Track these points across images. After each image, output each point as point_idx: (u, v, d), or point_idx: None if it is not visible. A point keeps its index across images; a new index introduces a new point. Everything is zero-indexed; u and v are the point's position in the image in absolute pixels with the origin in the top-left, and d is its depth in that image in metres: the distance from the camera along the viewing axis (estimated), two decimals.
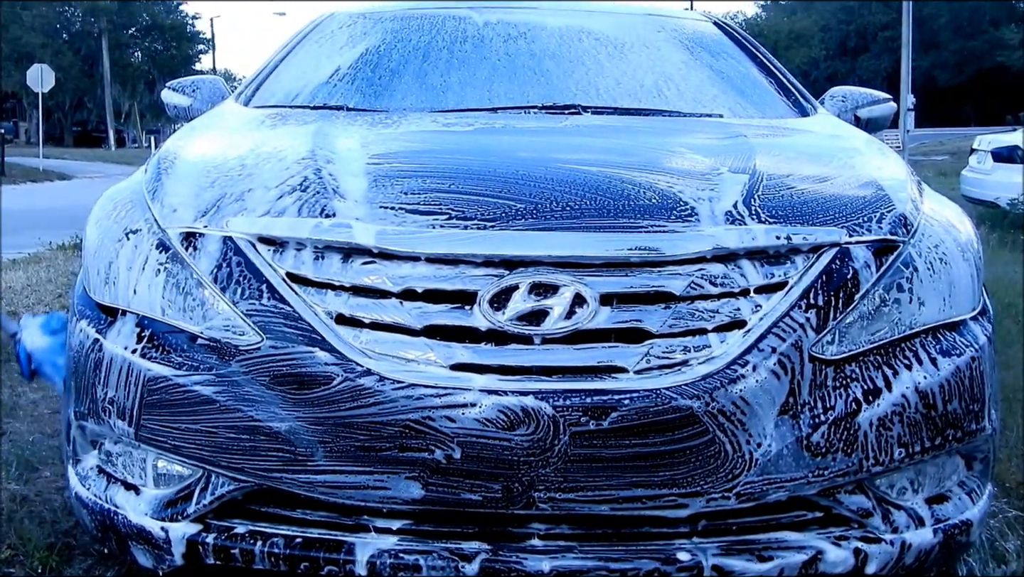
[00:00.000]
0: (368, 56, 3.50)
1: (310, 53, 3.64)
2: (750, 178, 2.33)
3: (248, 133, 2.80)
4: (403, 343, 2.00)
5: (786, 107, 3.36)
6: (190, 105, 3.63)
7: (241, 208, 2.21)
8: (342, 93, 3.29)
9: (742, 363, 2.00)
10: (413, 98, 3.23)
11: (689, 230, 2.11)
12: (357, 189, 2.23)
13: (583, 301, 2.00)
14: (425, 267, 2.04)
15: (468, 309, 2.01)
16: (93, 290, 2.35)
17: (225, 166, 2.43)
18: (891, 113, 3.65)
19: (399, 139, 2.70)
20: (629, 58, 3.53)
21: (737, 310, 2.04)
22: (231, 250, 2.14)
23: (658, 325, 2.01)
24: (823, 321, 2.07)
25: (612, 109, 3.18)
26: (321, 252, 2.09)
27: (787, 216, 2.19)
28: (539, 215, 2.12)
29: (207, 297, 2.13)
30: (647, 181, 2.28)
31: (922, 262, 2.24)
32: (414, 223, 2.10)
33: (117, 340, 2.21)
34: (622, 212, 2.15)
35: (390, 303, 2.03)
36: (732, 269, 2.08)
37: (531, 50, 3.50)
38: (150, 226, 2.30)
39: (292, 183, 2.28)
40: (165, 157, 2.60)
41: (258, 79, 3.52)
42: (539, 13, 3.83)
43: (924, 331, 2.21)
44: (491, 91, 3.25)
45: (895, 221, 2.27)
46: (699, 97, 3.33)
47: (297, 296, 2.06)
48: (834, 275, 2.12)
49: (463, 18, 3.71)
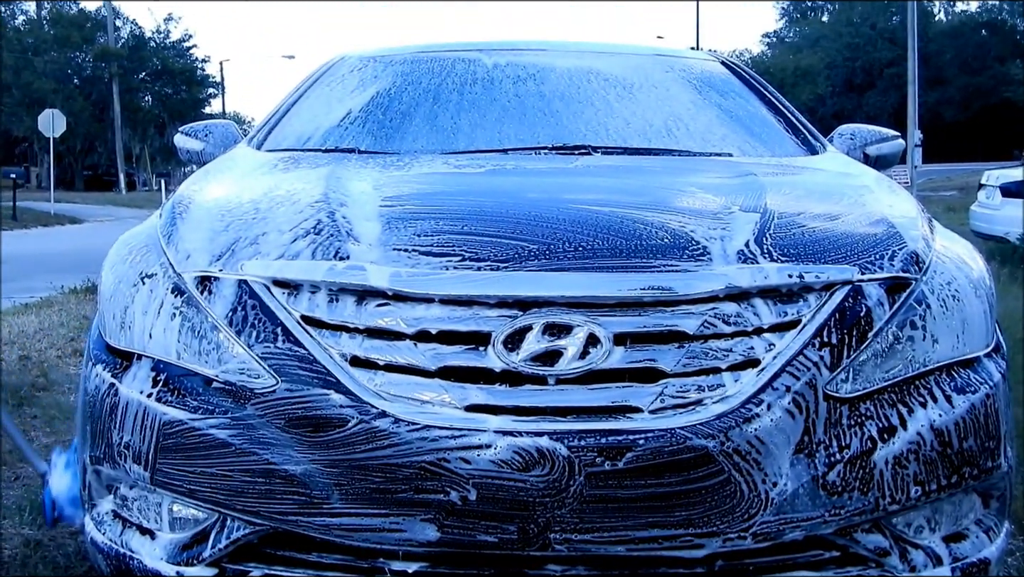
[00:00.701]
0: (379, 99, 3.53)
1: (321, 96, 3.67)
2: (761, 217, 2.34)
3: (261, 177, 2.82)
4: (418, 385, 2.01)
5: (795, 145, 3.38)
6: (203, 149, 3.66)
7: (255, 252, 2.23)
8: (354, 136, 3.32)
9: (756, 402, 2.00)
10: (424, 140, 3.25)
11: (702, 269, 2.11)
12: (371, 232, 2.25)
13: (597, 341, 2.00)
14: (439, 309, 2.05)
15: (482, 350, 2.01)
16: (109, 335, 2.36)
17: (239, 210, 2.45)
18: (899, 150, 3.67)
19: (411, 181, 2.71)
20: (638, 98, 3.55)
21: (751, 349, 2.05)
22: (246, 293, 2.15)
23: (672, 364, 2.01)
24: (837, 359, 2.07)
25: (622, 149, 3.19)
26: (335, 295, 2.10)
27: (799, 254, 2.20)
28: (552, 256, 2.13)
29: (222, 340, 2.14)
30: (659, 221, 2.29)
31: (935, 299, 2.24)
32: (428, 265, 2.11)
33: (132, 384, 2.22)
34: (634, 252, 2.16)
35: (404, 345, 2.04)
36: (745, 308, 2.08)
37: (541, 91, 3.53)
38: (165, 270, 2.31)
39: (306, 226, 2.29)
40: (180, 202, 2.62)
41: (270, 123, 3.55)
42: (548, 55, 3.86)
43: (938, 368, 2.20)
44: (502, 132, 3.27)
45: (907, 258, 2.28)
46: (708, 136, 3.35)
47: (312, 339, 2.07)
48: (847, 313, 2.12)
49: (473, 61, 3.74)
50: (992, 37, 63.17)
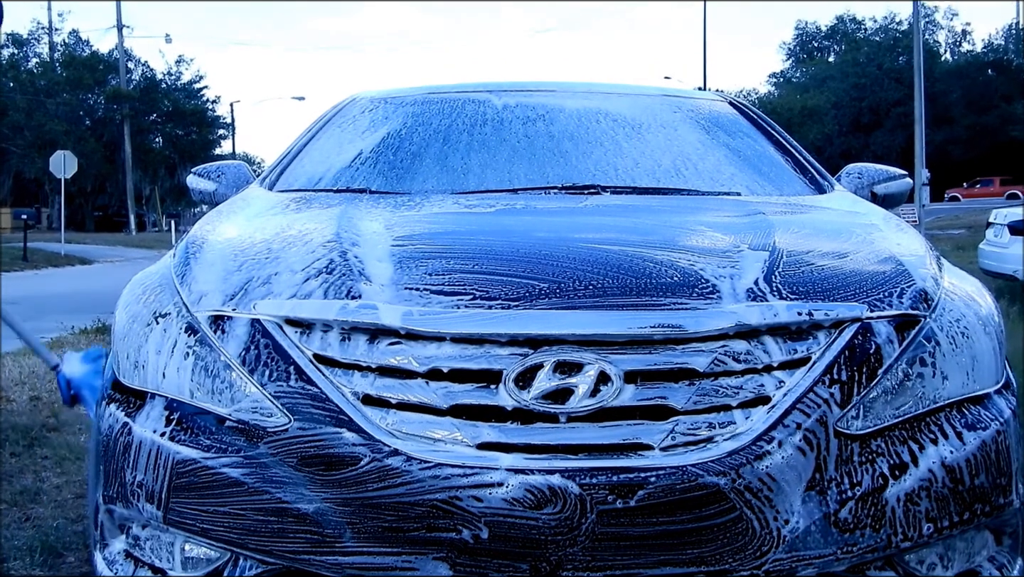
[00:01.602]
0: (390, 139, 3.56)
1: (333, 137, 3.70)
2: (770, 255, 2.36)
3: (273, 217, 2.85)
4: (430, 423, 2.02)
5: (803, 184, 3.40)
6: (215, 190, 3.69)
7: (268, 291, 2.25)
8: (365, 176, 3.35)
9: (767, 439, 2.00)
10: (435, 180, 3.28)
11: (711, 307, 2.12)
12: (382, 271, 2.26)
13: (607, 379, 2.01)
14: (450, 347, 2.06)
15: (494, 388, 2.02)
16: (123, 374, 2.37)
17: (252, 250, 2.47)
18: (907, 189, 3.68)
19: (422, 221, 2.74)
20: (647, 138, 3.58)
21: (761, 386, 2.06)
22: (259, 332, 2.17)
23: (683, 402, 2.02)
24: (847, 396, 2.08)
25: (631, 189, 3.21)
26: (348, 333, 2.12)
27: (808, 292, 2.21)
28: (562, 294, 2.14)
29: (235, 379, 2.15)
30: (668, 259, 2.31)
31: (944, 336, 2.25)
32: (439, 304, 2.12)
33: (146, 424, 2.23)
34: (644, 290, 2.17)
35: (416, 383, 2.05)
36: (755, 345, 2.09)
37: (550, 132, 3.55)
38: (179, 310, 2.33)
39: (318, 266, 2.31)
40: (193, 242, 2.64)
41: (282, 163, 3.58)
42: (557, 96, 3.90)
43: (948, 405, 2.21)
44: (511, 172, 3.30)
45: (916, 296, 2.29)
46: (717, 176, 3.37)
47: (324, 377, 2.08)
48: (857, 350, 2.13)
49: (482, 102, 3.78)
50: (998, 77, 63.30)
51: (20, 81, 51.87)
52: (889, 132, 59.68)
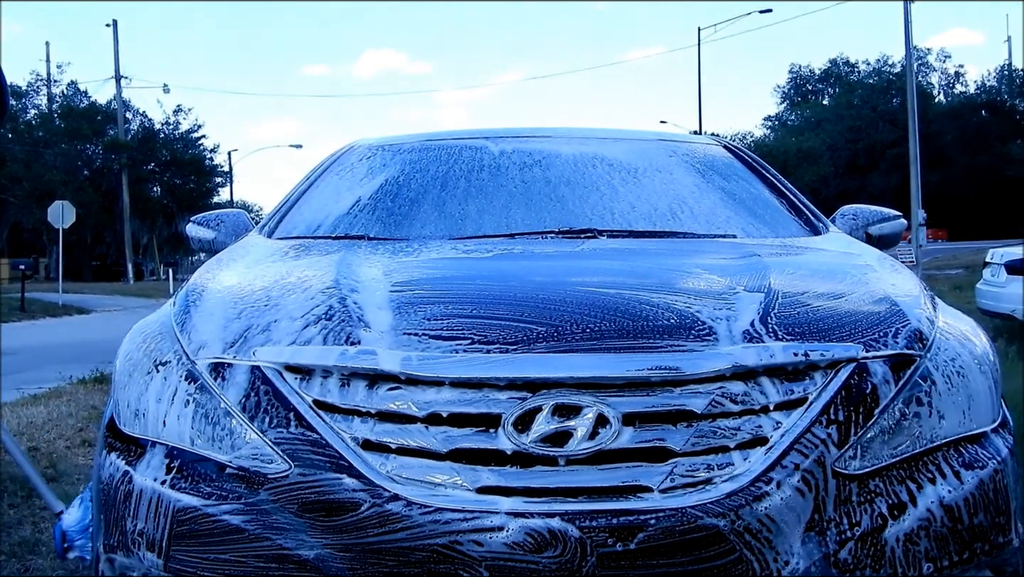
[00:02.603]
0: (388, 186, 3.59)
1: (331, 185, 3.73)
2: (766, 296, 2.37)
3: (273, 264, 2.87)
4: (429, 467, 2.02)
5: (798, 226, 3.42)
6: (214, 238, 3.72)
7: (268, 338, 2.26)
8: (364, 223, 3.37)
9: (766, 480, 2.01)
10: (433, 226, 3.30)
11: (708, 349, 2.14)
12: (381, 317, 2.28)
13: (606, 421, 2.02)
14: (449, 392, 2.07)
15: (493, 432, 2.03)
16: (123, 423, 2.38)
17: (251, 297, 2.49)
18: (901, 229, 3.72)
19: (420, 267, 2.75)
20: (643, 182, 3.61)
21: (759, 427, 2.06)
22: (259, 379, 2.18)
23: (681, 444, 2.03)
24: (844, 436, 2.08)
25: (628, 232, 3.24)
26: (347, 379, 2.13)
27: (804, 333, 2.22)
28: (560, 337, 2.15)
29: (235, 426, 2.16)
30: (665, 302, 2.32)
31: (939, 375, 2.26)
32: (438, 349, 2.14)
33: (146, 472, 2.24)
34: (641, 333, 2.18)
35: (416, 428, 2.06)
36: (752, 387, 2.10)
37: (546, 177, 3.58)
38: (179, 358, 2.34)
39: (317, 312, 2.32)
40: (193, 290, 2.66)
41: (281, 211, 3.61)
42: (553, 142, 3.93)
43: (946, 444, 2.22)
44: (509, 218, 3.32)
45: (911, 336, 2.30)
46: (712, 219, 3.39)
47: (324, 423, 2.09)
48: (853, 390, 2.14)
49: (479, 148, 3.81)
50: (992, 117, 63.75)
51: (18, 132, 52.13)
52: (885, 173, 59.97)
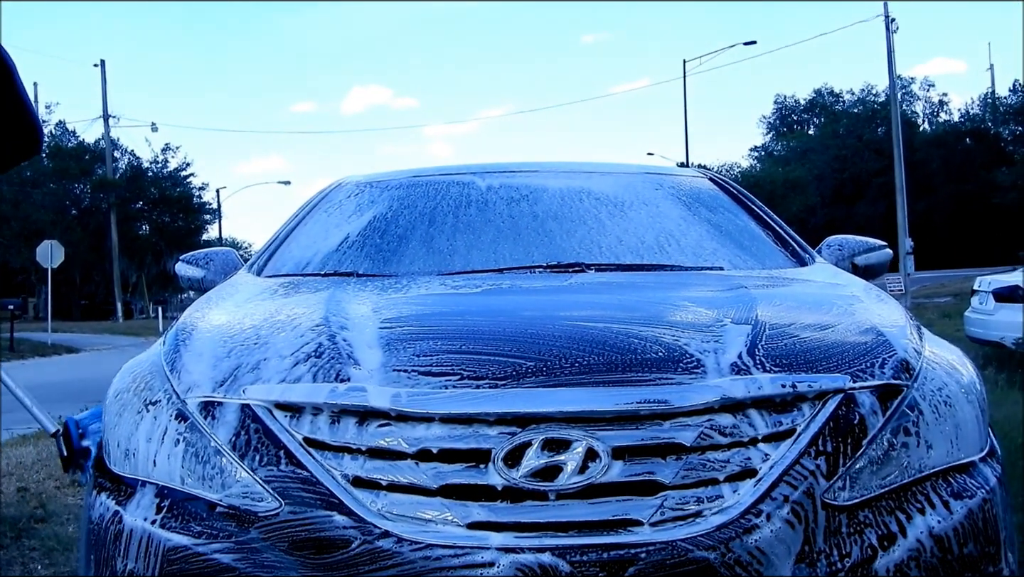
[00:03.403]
0: (377, 223, 3.61)
1: (320, 222, 3.74)
2: (753, 328, 2.38)
3: (262, 302, 2.87)
4: (420, 503, 2.03)
5: (784, 257, 3.44)
6: (203, 277, 3.72)
7: (257, 377, 2.26)
8: (353, 259, 3.38)
9: (755, 512, 2.01)
10: (421, 262, 3.31)
11: (696, 382, 2.15)
12: (371, 354, 2.29)
13: (595, 455, 2.03)
14: (439, 428, 2.07)
15: (483, 467, 2.04)
16: (113, 462, 2.38)
17: (241, 336, 2.49)
18: (887, 259, 3.74)
19: (409, 303, 2.76)
20: (629, 216, 3.63)
21: (748, 459, 2.07)
22: (249, 417, 2.18)
23: (671, 477, 2.03)
24: (833, 467, 2.09)
25: (615, 266, 3.25)
26: (337, 416, 2.13)
27: (791, 364, 2.24)
28: (549, 372, 2.16)
29: (226, 465, 2.16)
30: (653, 335, 2.33)
31: (927, 405, 2.28)
32: (427, 385, 2.14)
33: (136, 512, 2.23)
34: (630, 366, 2.19)
35: (406, 464, 2.06)
36: (740, 419, 2.11)
37: (534, 212, 3.60)
38: (169, 397, 2.34)
39: (307, 350, 2.33)
40: (183, 329, 2.66)
41: (270, 249, 3.62)
42: (540, 176, 3.95)
43: (934, 474, 2.22)
44: (497, 253, 3.34)
45: (897, 366, 2.31)
46: (699, 251, 3.41)
47: (314, 461, 2.09)
48: (841, 421, 2.15)
49: (467, 183, 3.83)
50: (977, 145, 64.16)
51: (7, 173, 52.01)
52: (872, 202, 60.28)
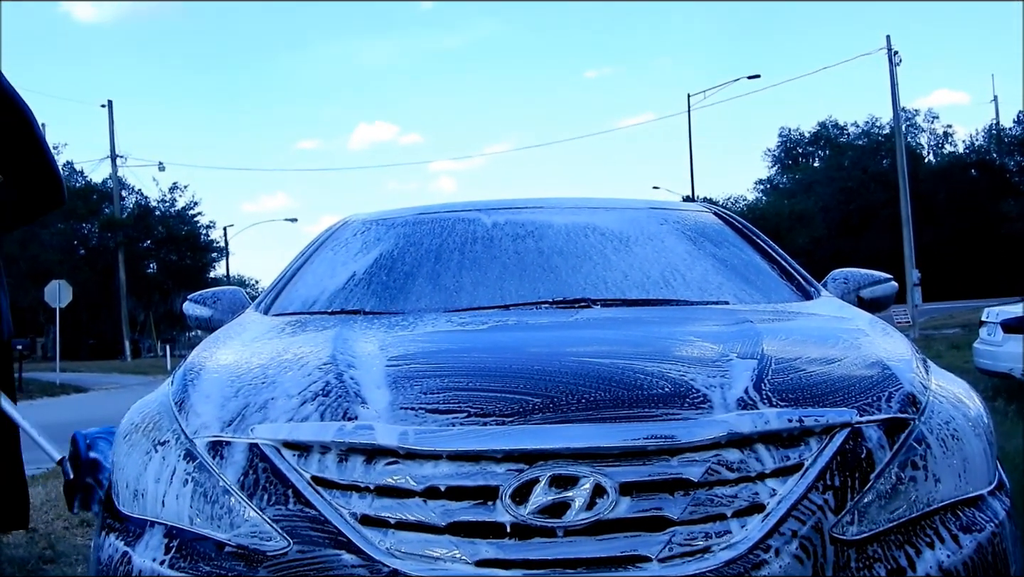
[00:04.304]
0: (383, 260, 3.62)
1: (326, 260, 3.76)
2: (759, 363, 2.39)
3: (269, 341, 2.88)
4: (428, 541, 2.03)
5: (789, 291, 3.45)
6: (211, 316, 3.74)
7: (265, 416, 2.27)
8: (359, 297, 3.40)
9: (764, 548, 2.01)
10: (428, 299, 3.33)
11: (703, 417, 2.15)
12: (378, 392, 2.29)
13: (603, 492, 2.03)
14: (447, 465, 2.08)
15: (491, 504, 2.04)
16: (122, 503, 2.38)
17: (249, 375, 2.50)
18: (893, 292, 3.74)
19: (416, 340, 2.77)
20: (635, 251, 3.64)
21: (755, 494, 2.07)
22: (257, 457, 2.19)
23: (678, 512, 2.03)
24: (841, 502, 2.09)
25: (621, 301, 3.26)
26: (345, 455, 2.14)
27: (798, 399, 2.24)
28: (556, 408, 2.17)
29: (234, 504, 2.16)
30: (659, 370, 2.34)
31: (934, 439, 2.28)
32: (435, 422, 2.15)
33: (145, 553, 2.23)
34: (636, 402, 2.20)
35: (414, 502, 2.06)
36: (748, 454, 2.11)
37: (539, 248, 3.62)
38: (177, 437, 2.35)
39: (314, 389, 2.34)
40: (191, 368, 2.68)
41: (277, 287, 3.64)
42: (545, 212, 3.97)
43: (943, 508, 2.22)
44: (503, 289, 3.35)
45: (904, 400, 2.32)
46: (705, 285, 3.42)
47: (323, 499, 2.10)
48: (848, 455, 2.15)
49: (472, 220, 3.85)
50: (982, 176, 64.22)
51: None
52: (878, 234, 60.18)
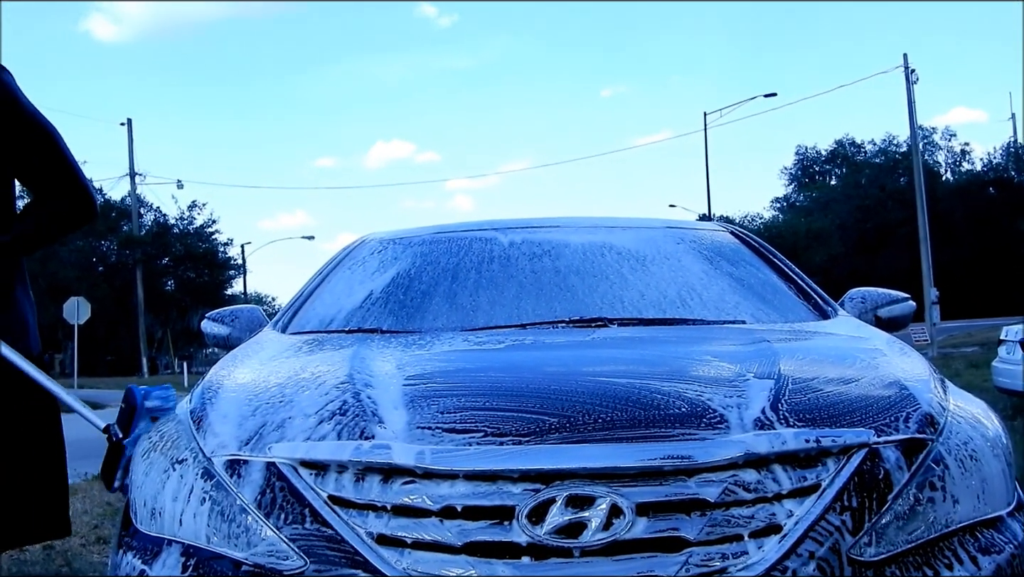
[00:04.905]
0: (400, 279, 3.63)
1: (343, 279, 3.77)
2: (775, 383, 2.39)
3: (287, 360, 2.89)
4: (444, 561, 2.03)
5: (806, 310, 3.44)
6: (229, 334, 3.75)
7: (282, 435, 2.28)
8: (376, 316, 3.41)
9: (781, 569, 2.00)
10: (444, 318, 3.33)
11: (720, 437, 2.15)
12: (395, 411, 2.30)
13: (620, 512, 2.03)
14: (464, 485, 2.08)
15: (507, 524, 2.04)
16: (140, 521, 2.39)
17: (266, 394, 2.51)
18: (910, 311, 3.73)
19: (433, 360, 2.77)
20: (651, 270, 3.64)
21: (772, 515, 2.06)
22: (274, 475, 2.19)
23: (695, 533, 2.03)
24: (859, 523, 2.08)
25: (638, 320, 3.26)
26: (362, 474, 2.14)
27: (815, 419, 2.23)
28: (572, 428, 2.17)
29: (251, 523, 2.17)
30: (676, 390, 2.34)
31: (952, 459, 2.27)
32: (452, 442, 2.15)
33: (162, 571, 2.24)
34: (653, 422, 2.20)
35: (431, 522, 2.06)
36: (765, 474, 2.11)
37: (556, 267, 3.62)
38: (195, 455, 2.36)
39: (331, 408, 2.35)
40: (208, 387, 2.69)
41: (294, 306, 3.65)
42: (561, 231, 3.97)
43: (961, 529, 2.21)
44: (519, 308, 3.35)
45: (922, 420, 2.31)
46: (721, 305, 3.42)
47: (339, 519, 2.10)
48: (866, 476, 2.14)
49: (489, 239, 3.85)
50: (1000, 194, 63.91)
51: None
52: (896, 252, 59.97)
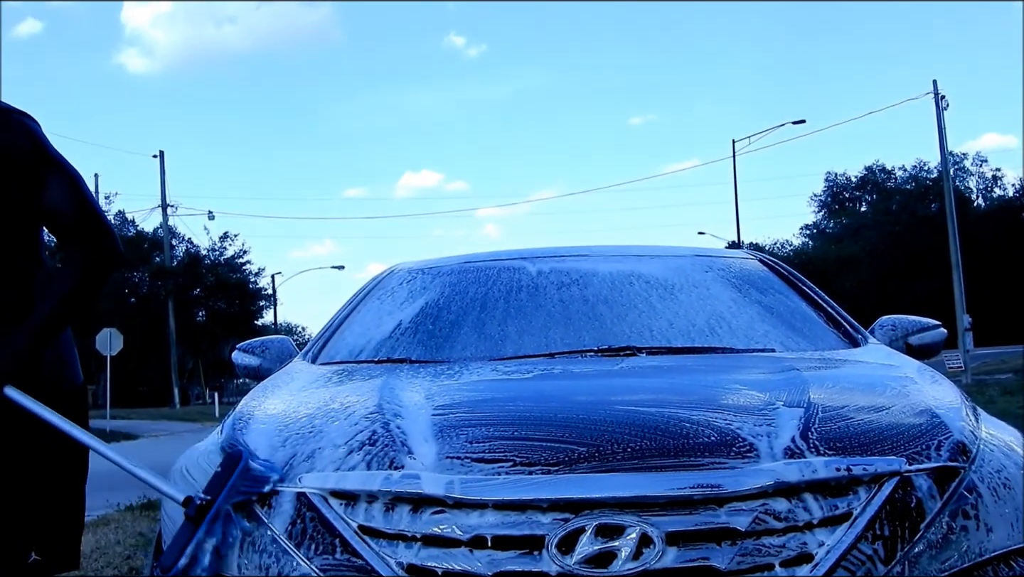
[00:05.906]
0: (429, 309, 3.65)
1: (373, 309, 3.79)
2: (805, 411, 2.38)
3: (316, 390, 2.91)
4: None
5: (836, 338, 3.43)
6: (259, 365, 3.77)
7: (313, 465, 2.29)
8: (405, 346, 3.42)
9: None
10: (473, 348, 3.34)
11: (749, 466, 2.14)
12: (424, 441, 2.31)
13: (649, 541, 2.02)
14: (493, 514, 2.08)
15: (537, 554, 2.04)
16: None
17: (296, 424, 2.53)
18: (942, 339, 3.70)
19: (462, 389, 2.78)
20: (680, 298, 3.63)
21: (803, 544, 2.05)
22: (304, 506, 2.21)
23: (726, 562, 2.02)
24: (891, 552, 2.07)
25: (667, 349, 3.26)
26: (392, 504, 2.15)
27: (845, 447, 2.22)
28: (601, 457, 2.17)
29: (282, 554, 2.17)
30: (705, 419, 2.33)
31: (985, 488, 2.25)
32: (481, 472, 2.16)
33: None
34: (682, 451, 2.19)
35: (460, 552, 2.06)
36: (795, 503, 2.10)
37: (584, 296, 3.62)
38: None
39: (361, 438, 2.36)
40: (240, 418, 2.71)
41: (324, 336, 3.67)
42: (590, 261, 3.98)
43: (995, 558, 2.18)
44: (548, 337, 3.36)
45: (954, 448, 2.29)
46: (750, 333, 3.41)
47: (370, 549, 2.10)
48: (898, 504, 2.13)
49: (517, 268, 3.87)
50: None
51: None
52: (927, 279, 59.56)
